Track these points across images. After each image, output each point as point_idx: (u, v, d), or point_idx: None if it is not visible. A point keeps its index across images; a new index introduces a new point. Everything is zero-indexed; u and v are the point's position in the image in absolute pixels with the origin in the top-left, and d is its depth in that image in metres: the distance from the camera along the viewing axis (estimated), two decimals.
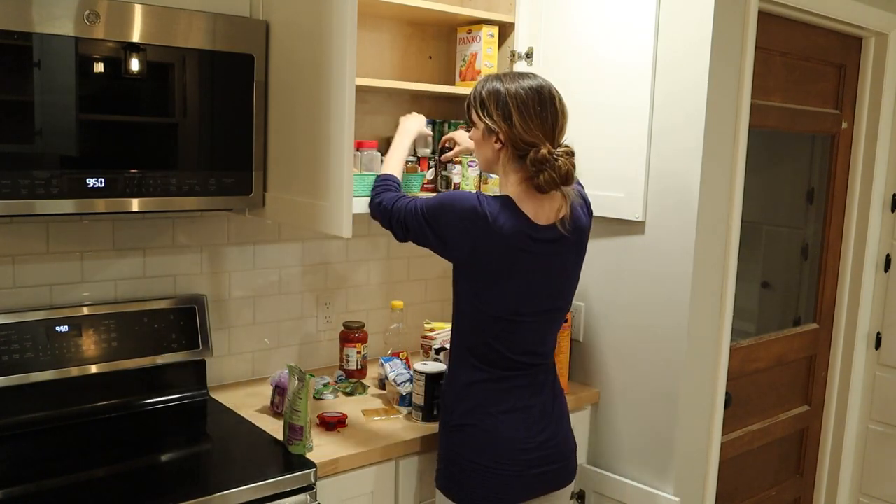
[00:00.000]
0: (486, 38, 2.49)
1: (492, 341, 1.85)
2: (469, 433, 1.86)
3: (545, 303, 1.87)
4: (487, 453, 1.84)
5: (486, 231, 1.76)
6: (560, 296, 1.92)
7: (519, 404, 1.87)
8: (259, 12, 1.99)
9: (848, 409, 3.05)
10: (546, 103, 1.78)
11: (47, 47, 1.65)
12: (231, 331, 2.37)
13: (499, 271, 1.80)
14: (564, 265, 1.89)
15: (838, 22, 2.65)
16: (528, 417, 1.87)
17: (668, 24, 2.20)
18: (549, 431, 1.90)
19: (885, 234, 2.99)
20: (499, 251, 1.78)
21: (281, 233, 2.43)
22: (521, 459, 1.85)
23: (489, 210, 1.77)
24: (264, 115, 2.00)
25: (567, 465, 1.96)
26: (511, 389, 1.87)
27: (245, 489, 1.71)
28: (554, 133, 1.79)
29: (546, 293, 1.86)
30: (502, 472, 1.84)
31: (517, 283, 1.81)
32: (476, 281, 1.83)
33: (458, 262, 1.85)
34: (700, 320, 2.27)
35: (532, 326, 1.86)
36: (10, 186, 1.65)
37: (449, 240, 1.82)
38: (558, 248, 1.84)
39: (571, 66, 2.40)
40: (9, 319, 1.93)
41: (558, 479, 1.94)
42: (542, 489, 1.92)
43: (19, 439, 1.91)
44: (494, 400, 1.86)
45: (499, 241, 1.76)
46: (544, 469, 1.89)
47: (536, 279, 1.83)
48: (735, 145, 2.28)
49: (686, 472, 2.34)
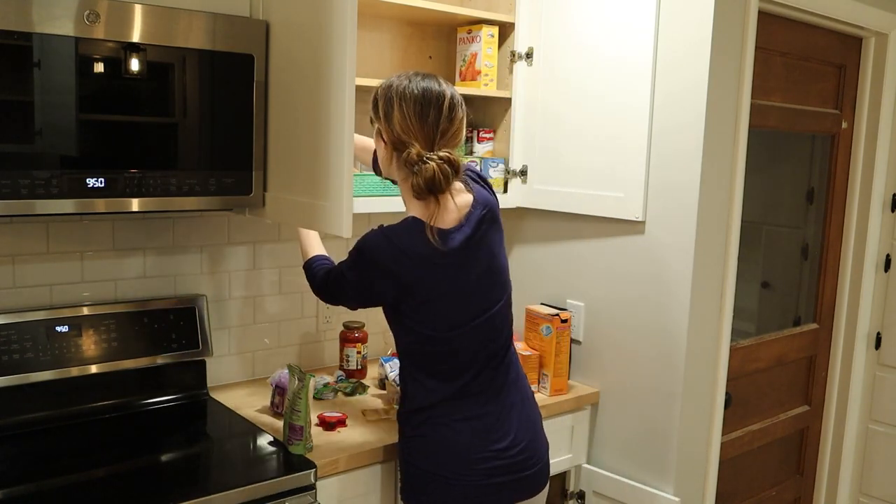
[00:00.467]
0: (486, 38, 2.49)
1: (437, 357, 1.80)
2: (423, 443, 1.81)
3: (484, 302, 1.80)
4: (442, 462, 1.78)
5: (401, 264, 1.72)
6: (495, 285, 1.83)
7: (472, 412, 1.79)
8: (259, 12, 1.99)
9: (848, 409, 3.05)
10: (431, 105, 1.71)
11: (47, 47, 1.65)
12: (231, 331, 2.37)
13: (427, 296, 1.75)
14: (491, 255, 1.81)
15: (838, 22, 2.65)
16: (482, 426, 1.79)
17: (668, 24, 2.20)
18: (508, 440, 1.80)
19: (885, 234, 2.99)
20: (419, 277, 1.73)
21: (281, 233, 2.43)
22: (478, 469, 1.77)
23: (396, 242, 1.73)
24: (264, 115, 2.00)
25: (535, 473, 1.85)
26: (463, 397, 1.79)
27: (245, 489, 1.71)
28: (434, 136, 1.71)
29: (482, 292, 1.80)
30: (458, 482, 1.77)
31: (449, 299, 1.76)
32: (409, 310, 1.77)
33: (389, 301, 1.79)
34: (700, 320, 2.27)
35: (477, 331, 1.80)
36: (10, 186, 1.64)
37: (378, 290, 1.77)
38: (474, 242, 1.76)
39: (571, 66, 2.40)
40: (9, 319, 1.93)
41: (524, 488, 1.84)
42: (507, 499, 1.83)
43: (19, 439, 1.91)
44: (447, 409, 1.79)
45: (414, 267, 1.72)
46: (505, 479, 1.79)
47: (467, 285, 1.77)
48: (735, 145, 2.28)
49: (686, 472, 2.34)
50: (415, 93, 1.71)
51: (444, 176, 1.69)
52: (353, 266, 1.80)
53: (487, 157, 2.55)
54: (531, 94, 2.50)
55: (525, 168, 2.54)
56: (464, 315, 1.78)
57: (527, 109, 2.52)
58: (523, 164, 2.54)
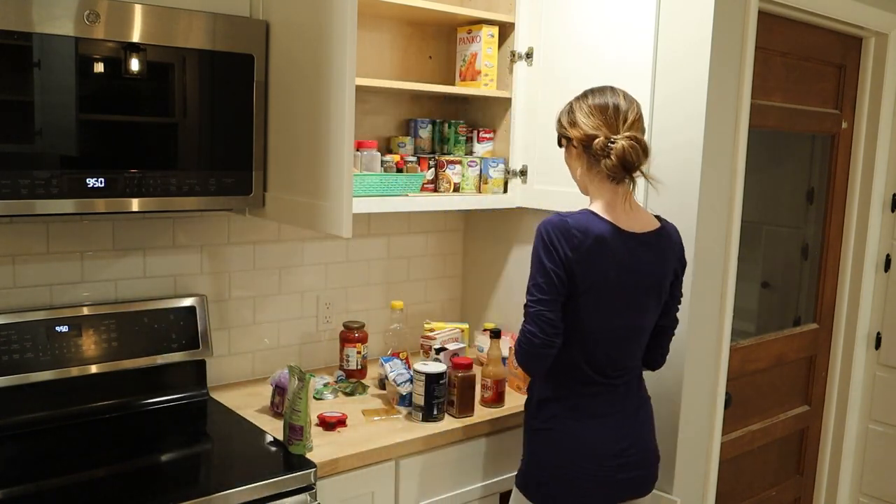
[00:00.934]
0: (486, 38, 2.49)
1: (580, 356, 1.84)
2: (551, 436, 1.87)
3: (628, 315, 1.85)
4: (568, 457, 1.85)
5: (572, 248, 1.75)
6: (645, 307, 1.87)
7: (601, 410, 1.87)
8: (259, 12, 1.99)
9: (848, 409, 3.05)
10: (607, 97, 1.82)
11: (47, 47, 1.65)
12: (231, 331, 2.37)
13: (595, 290, 1.79)
14: (655, 274, 1.86)
15: (838, 22, 2.65)
16: (610, 424, 1.87)
17: (668, 24, 2.20)
18: (631, 438, 1.89)
19: (885, 234, 2.99)
20: (582, 263, 1.76)
21: (281, 233, 2.43)
22: (603, 465, 1.85)
23: (568, 230, 1.75)
24: (264, 115, 2.00)
25: (647, 473, 1.95)
26: (595, 395, 1.87)
27: (245, 489, 1.71)
28: (619, 125, 1.79)
29: (629, 303, 1.84)
30: (581, 476, 1.84)
31: (610, 294, 1.80)
32: (574, 301, 1.80)
33: (572, 295, 1.80)
34: (700, 320, 2.27)
35: (614, 341, 1.85)
36: (10, 186, 1.65)
37: (567, 288, 1.77)
38: (647, 255, 1.83)
39: (571, 66, 2.40)
40: (9, 319, 1.93)
41: (637, 487, 1.94)
42: (619, 496, 1.91)
43: (19, 439, 1.91)
44: (578, 405, 1.86)
45: (581, 252, 1.75)
46: (623, 476, 1.88)
47: (623, 286, 1.81)
48: (735, 145, 2.28)
49: (686, 472, 2.34)
50: (588, 95, 1.85)
51: (634, 153, 1.75)
52: (538, 268, 1.78)
53: (487, 157, 2.55)
54: (531, 95, 2.50)
55: (525, 168, 2.54)
56: (618, 319, 1.83)
57: (527, 109, 2.52)
58: (523, 164, 2.54)
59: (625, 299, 1.83)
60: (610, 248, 1.78)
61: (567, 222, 1.77)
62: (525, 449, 1.95)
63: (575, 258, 1.75)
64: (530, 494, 1.90)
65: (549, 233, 1.77)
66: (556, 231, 1.76)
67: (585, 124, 1.81)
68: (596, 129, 1.79)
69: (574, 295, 1.78)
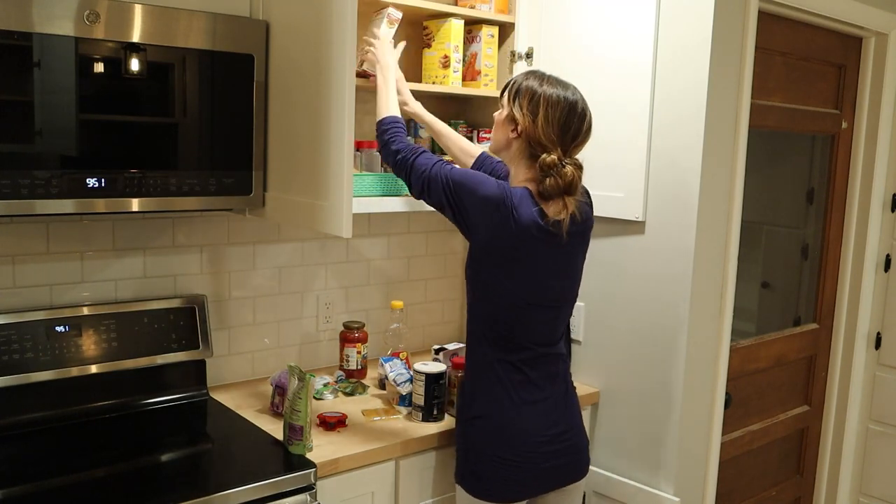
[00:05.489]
0: (486, 38, 2.49)
1: (504, 328, 1.87)
2: (485, 425, 1.89)
3: (554, 293, 1.90)
4: (504, 445, 1.87)
5: (506, 219, 1.79)
6: (569, 287, 1.95)
7: (533, 396, 1.89)
8: (259, 12, 1.99)
9: (848, 409, 3.05)
10: (575, 117, 1.84)
11: (47, 47, 1.65)
12: (231, 331, 2.37)
13: (513, 259, 1.83)
14: (574, 258, 1.92)
15: (838, 22, 2.65)
16: (543, 409, 1.90)
17: (668, 24, 2.20)
18: (564, 424, 1.93)
19: (885, 234, 2.99)
20: (516, 240, 1.81)
21: (281, 233, 2.43)
22: (538, 452, 1.88)
23: (512, 200, 1.80)
24: (264, 115, 2.00)
25: (580, 458, 1.98)
26: (524, 382, 1.89)
27: (245, 489, 1.71)
28: (570, 145, 1.84)
29: (556, 284, 1.90)
30: (518, 463, 1.86)
31: (530, 273, 1.84)
32: (492, 265, 1.85)
33: (473, 243, 1.87)
34: (700, 320, 2.27)
35: (541, 316, 1.89)
36: (10, 186, 1.65)
37: (470, 221, 1.84)
38: (570, 241, 1.86)
39: (571, 66, 2.40)
40: (9, 319, 1.93)
41: (572, 472, 1.97)
42: (556, 482, 1.95)
43: (19, 439, 1.91)
44: (510, 392, 1.88)
45: (516, 230, 1.79)
46: (558, 462, 1.92)
47: (547, 270, 1.86)
48: (735, 145, 2.28)
49: (686, 472, 2.34)
50: (562, 104, 1.83)
51: (578, 179, 1.83)
52: (457, 183, 1.85)
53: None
54: None
55: None
56: (538, 296, 1.87)
57: None
58: None
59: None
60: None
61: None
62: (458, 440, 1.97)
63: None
64: (468, 486, 1.92)
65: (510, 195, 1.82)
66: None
67: (543, 130, 1.82)
68: (549, 141, 1.82)
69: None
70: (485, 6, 2.50)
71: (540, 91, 1.84)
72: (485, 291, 1.89)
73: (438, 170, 1.88)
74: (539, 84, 1.85)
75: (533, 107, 1.83)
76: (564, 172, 1.80)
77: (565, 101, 1.83)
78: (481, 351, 1.91)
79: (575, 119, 1.84)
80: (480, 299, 1.90)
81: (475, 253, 1.89)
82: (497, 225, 1.80)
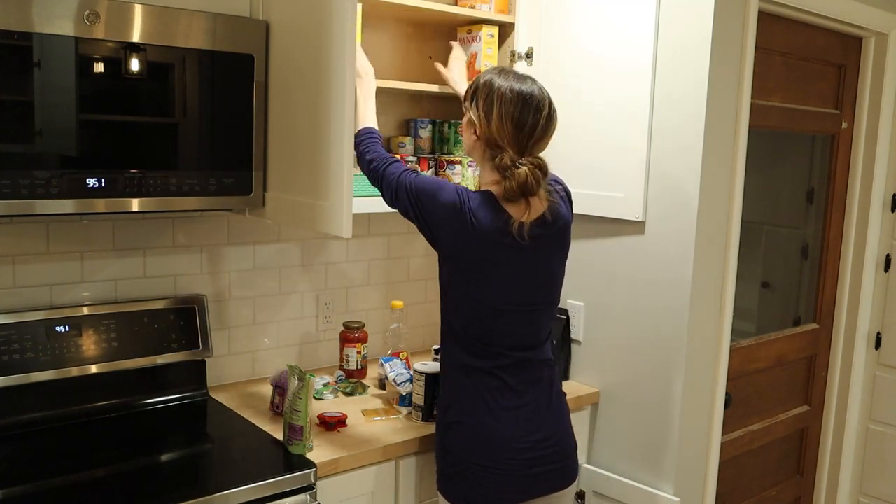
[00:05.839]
0: (486, 39, 2.49)
1: (477, 331, 1.84)
2: (462, 431, 1.85)
3: (527, 297, 1.85)
4: (481, 451, 1.82)
5: (465, 225, 1.77)
6: (544, 290, 1.88)
7: (512, 402, 1.84)
8: (259, 12, 1.99)
9: (848, 409, 3.05)
10: (530, 111, 1.76)
11: (47, 47, 1.65)
12: (231, 331, 2.37)
13: (478, 265, 1.80)
14: (547, 261, 1.87)
15: (838, 22, 2.65)
16: (524, 416, 1.85)
17: (668, 24, 2.20)
18: (545, 431, 1.87)
19: (885, 234, 2.99)
20: (477, 246, 1.78)
21: (281, 233, 2.43)
22: (517, 459, 1.82)
23: (470, 205, 1.77)
24: (264, 115, 2.00)
25: (566, 465, 1.91)
26: (502, 388, 1.84)
27: (245, 489, 1.71)
28: (527, 142, 1.77)
29: (528, 288, 1.85)
30: (497, 471, 1.82)
31: (497, 278, 1.81)
32: (457, 272, 1.83)
33: (439, 250, 1.85)
34: (700, 320, 2.27)
35: (516, 319, 1.84)
36: (10, 186, 1.65)
37: (432, 228, 1.83)
38: (538, 243, 1.82)
39: (571, 66, 2.40)
40: (9, 319, 1.93)
41: (557, 480, 1.90)
42: (539, 490, 1.89)
43: (19, 439, 1.91)
44: (486, 397, 1.83)
45: (477, 236, 1.77)
46: (541, 469, 1.85)
47: (516, 274, 1.82)
48: (735, 145, 2.28)
49: (686, 472, 2.34)
50: (515, 100, 1.75)
51: (535, 180, 1.75)
52: (419, 190, 1.84)
53: None
54: None
55: None
56: (509, 300, 1.82)
57: None
58: None
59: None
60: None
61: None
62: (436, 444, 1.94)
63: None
64: (448, 493, 1.88)
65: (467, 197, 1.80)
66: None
67: (497, 129, 1.76)
68: (504, 140, 1.76)
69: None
70: (485, 6, 2.50)
71: (495, 87, 1.77)
72: (456, 299, 1.85)
73: (405, 178, 1.86)
74: (495, 79, 1.79)
75: (487, 105, 1.77)
76: (518, 173, 1.73)
77: (518, 94, 1.75)
78: (456, 357, 1.87)
79: (530, 113, 1.75)
80: (452, 308, 1.87)
81: (441, 260, 1.86)
82: (458, 231, 1.77)
